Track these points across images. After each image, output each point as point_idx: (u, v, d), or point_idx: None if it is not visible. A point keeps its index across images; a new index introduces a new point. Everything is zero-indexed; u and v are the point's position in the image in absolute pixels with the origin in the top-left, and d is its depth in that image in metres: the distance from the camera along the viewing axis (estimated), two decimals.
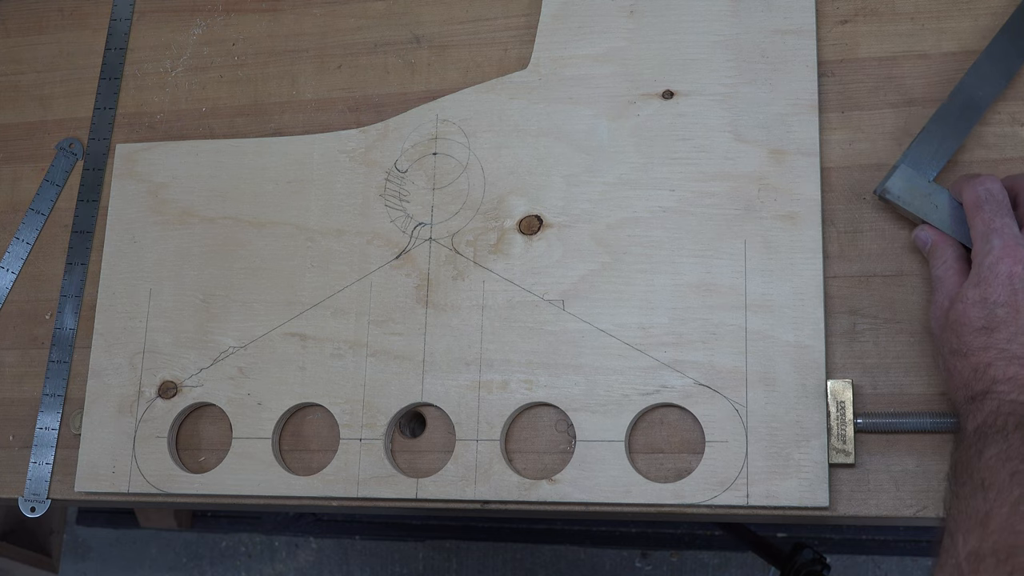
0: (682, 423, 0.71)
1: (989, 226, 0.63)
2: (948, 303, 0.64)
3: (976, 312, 0.62)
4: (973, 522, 0.55)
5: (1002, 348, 0.60)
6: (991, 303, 0.61)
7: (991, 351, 0.61)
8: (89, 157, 0.89)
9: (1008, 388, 0.59)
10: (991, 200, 0.64)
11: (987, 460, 0.57)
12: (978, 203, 0.64)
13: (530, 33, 0.82)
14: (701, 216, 0.74)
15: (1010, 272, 0.61)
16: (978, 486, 0.56)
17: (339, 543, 1.63)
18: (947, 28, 0.75)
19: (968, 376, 0.61)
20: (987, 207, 0.64)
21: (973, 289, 0.62)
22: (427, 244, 0.78)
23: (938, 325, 0.65)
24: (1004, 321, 0.61)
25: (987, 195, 0.64)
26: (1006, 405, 0.59)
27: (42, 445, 0.82)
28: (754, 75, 0.76)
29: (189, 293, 0.81)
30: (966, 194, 0.66)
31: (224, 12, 0.90)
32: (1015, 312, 0.61)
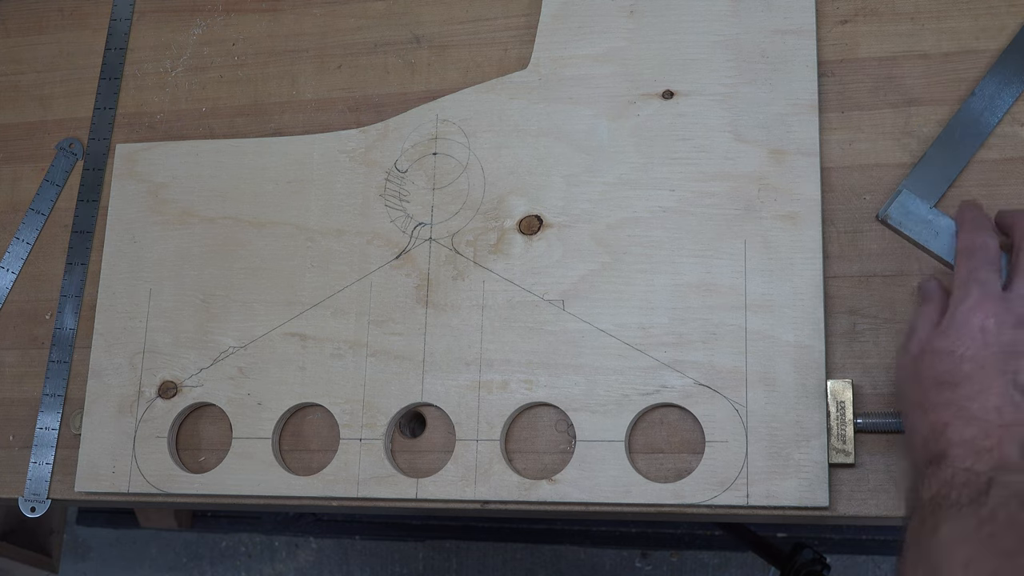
0: (682, 423, 0.71)
1: (972, 275, 0.61)
2: (918, 351, 0.61)
3: (942, 365, 0.59)
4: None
5: (962, 406, 0.57)
6: (958, 356, 0.58)
7: (951, 408, 0.57)
8: (89, 157, 0.89)
9: (963, 453, 0.56)
10: (983, 252, 0.62)
11: (941, 540, 0.54)
12: (970, 251, 0.62)
13: (530, 33, 0.82)
14: (701, 216, 0.74)
15: (982, 325, 0.58)
16: (931, 571, 0.53)
17: (339, 543, 1.63)
18: (947, 28, 0.75)
19: (926, 434, 0.58)
20: (977, 257, 0.62)
21: (942, 339, 0.59)
22: (427, 244, 0.78)
23: (904, 374, 0.62)
24: (968, 376, 0.58)
25: (982, 247, 0.62)
26: (960, 474, 0.55)
27: (42, 445, 0.82)
28: (754, 75, 0.76)
29: (189, 293, 0.81)
30: (961, 238, 0.64)
31: (224, 12, 0.90)
32: (980, 368, 0.57)
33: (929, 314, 0.63)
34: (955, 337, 0.59)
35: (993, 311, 0.59)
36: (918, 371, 0.60)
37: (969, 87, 0.74)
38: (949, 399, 0.58)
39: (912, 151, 0.73)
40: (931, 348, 0.60)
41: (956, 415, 0.57)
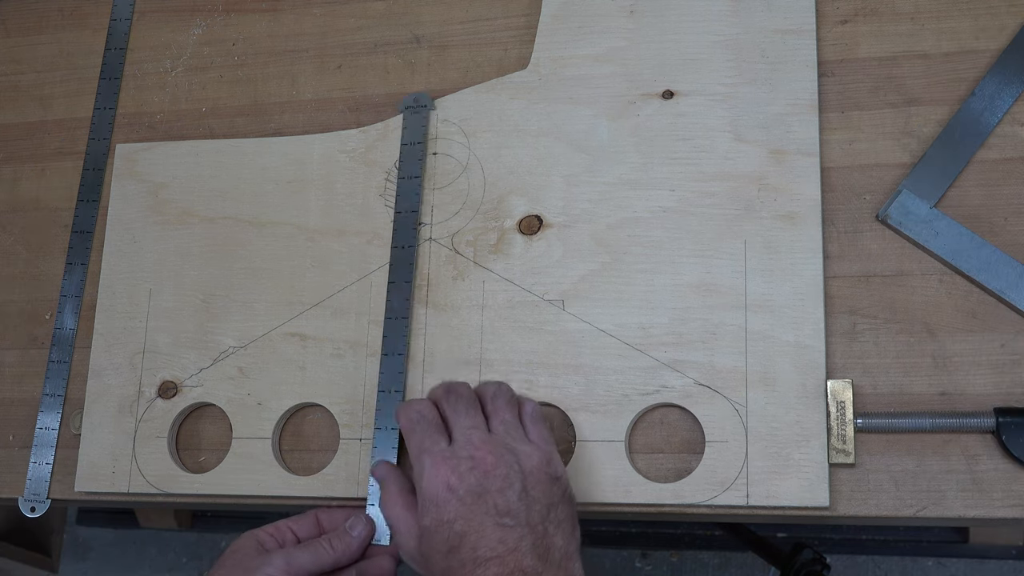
0: (682, 423, 0.71)
1: (420, 448, 0.65)
2: (415, 542, 0.65)
3: (440, 537, 0.62)
4: None
5: (474, 558, 0.61)
6: (447, 522, 0.62)
7: (467, 567, 0.61)
8: (89, 157, 0.89)
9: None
10: (422, 422, 0.67)
11: None
12: (410, 427, 0.67)
13: (530, 33, 0.82)
14: (701, 216, 0.74)
15: (448, 484, 0.63)
16: None
17: None
18: (947, 28, 0.75)
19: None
20: (418, 429, 0.66)
21: (426, 517, 0.63)
22: (427, 244, 0.78)
23: (416, 564, 0.66)
24: (464, 533, 0.61)
25: (419, 417, 0.67)
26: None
27: (42, 445, 0.82)
28: (754, 75, 0.76)
29: (189, 293, 0.81)
30: (400, 421, 0.68)
31: (224, 12, 0.90)
32: (469, 521, 0.62)
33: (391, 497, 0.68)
34: (435, 509, 0.63)
35: (449, 468, 0.63)
36: (425, 553, 0.64)
37: (969, 87, 0.74)
38: (462, 560, 0.61)
39: (912, 151, 0.73)
40: (423, 529, 0.64)
41: (475, 568, 0.61)
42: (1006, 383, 0.68)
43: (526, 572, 0.60)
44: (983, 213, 0.71)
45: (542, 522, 0.62)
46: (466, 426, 0.65)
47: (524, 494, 0.63)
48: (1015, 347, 0.69)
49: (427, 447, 0.65)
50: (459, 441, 0.65)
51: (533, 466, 0.64)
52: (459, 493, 0.62)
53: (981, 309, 0.70)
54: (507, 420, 0.67)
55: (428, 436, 0.65)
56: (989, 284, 0.69)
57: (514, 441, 0.65)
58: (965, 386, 0.68)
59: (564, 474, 0.66)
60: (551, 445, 0.67)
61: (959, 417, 0.67)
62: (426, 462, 0.64)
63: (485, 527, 0.61)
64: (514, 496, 0.62)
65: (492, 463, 0.63)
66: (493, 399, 0.68)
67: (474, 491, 0.62)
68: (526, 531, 0.61)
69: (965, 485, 0.67)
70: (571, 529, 0.64)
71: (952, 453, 0.67)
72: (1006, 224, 0.71)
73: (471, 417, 0.66)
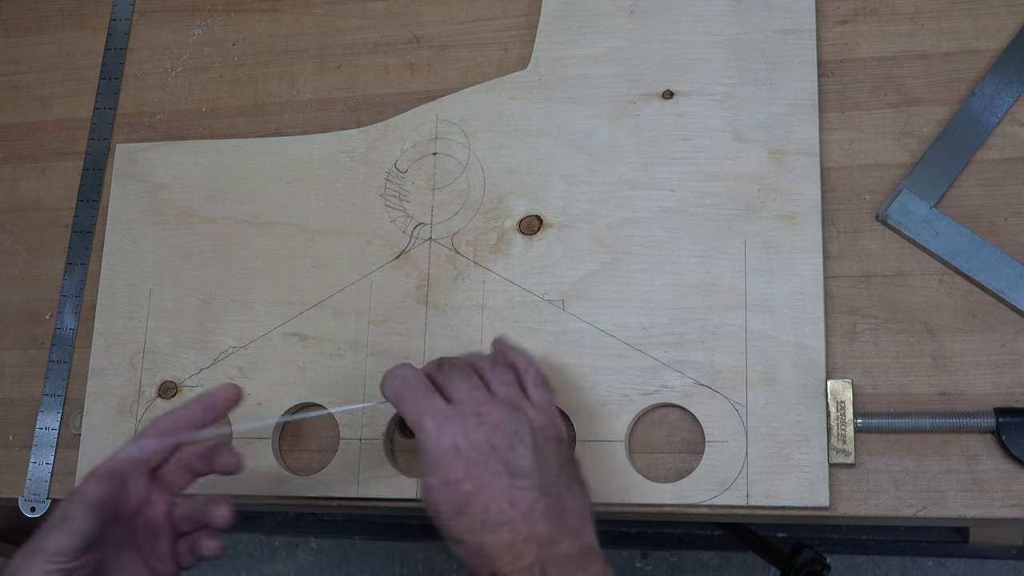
0: (682, 423, 0.71)
1: (416, 410, 0.60)
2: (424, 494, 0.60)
3: (447, 498, 0.58)
4: None
5: (483, 521, 0.57)
6: (454, 484, 0.58)
7: (474, 530, 0.57)
8: (89, 157, 0.89)
9: (509, 558, 0.57)
10: (408, 384, 0.61)
11: None
12: (399, 393, 0.61)
13: (530, 33, 0.82)
14: (701, 216, 0.74)
15: (454, 444, 0.58)
16: None
17: (339, 543, 1.63)
18: (947, 28, 0.75)
19: (474, 563, 0.58)
20: (407, 393, 0.61)
21: (432, 476, 0.59)
22: (427, 244, 0.78)
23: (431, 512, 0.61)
24: (472, 495, 0.58)
25: (403, 382, 0.62)
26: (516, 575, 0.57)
27: (42, 445, 0.82)
28: (754, 75, 0.76)
29: (189, 293, 0.81)
30: (386, 392, 0.62)
31: (224, 12, 0.90)
32: (477, 482, 0.58)
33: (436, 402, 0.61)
34: (441, 470, 0.59)
35: (454, 427, 0.59)
36: (436, 511, 0.59)
37: (969, 87, 0.74)
38: (471, 523, 0.58)
39: (912, 151, 0.73)
40: (427, 486, 0.59)
41: (484, 532, 0.57)
42: (1006, 383, 0.68)
43: (539, 539, 0.57)
44: (983, 213, 0.71)
45: (555, 483, 0.59)
46: (465, 388, 0.61)
47: (536, 451, 0.59)
48: (1015, 347, 0.69)
49: (423, 408, 0.60)
50: (461, 400, 0.60)
51: (541, 424, 0.61)
52: (466, 452, 0.58)
53: (981, 309, 0.70)
54: (508, 383, 0.63)
55: (420, 397, 0.61)
56: (989, 284, 0.69)
57: (517, 399, 0.61)
58: (965, 386, 0.68)
59: (568, 437, 0.63)
60: (553, 408, 0.63)
61: (959, 417, 0.67)
62: (427, 423, 0.59)
63: (495, 488, 0.58)
64: (525, 453, 0.59)
65: (499, 417, 0.59)
66: (492, 366, 0.64)
67: (482, 448, 0.58)
68: (539, 493, 0.58)
69: (965, 485, 0.66)
70: (582, 492, 0.61)
71: (952, 453, 0.67)
72: (1006, 224, 0.71)
73: (469, 380, 0.62)
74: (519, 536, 0.57)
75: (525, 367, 0.65)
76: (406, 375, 0.62)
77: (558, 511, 0.58)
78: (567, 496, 0.59)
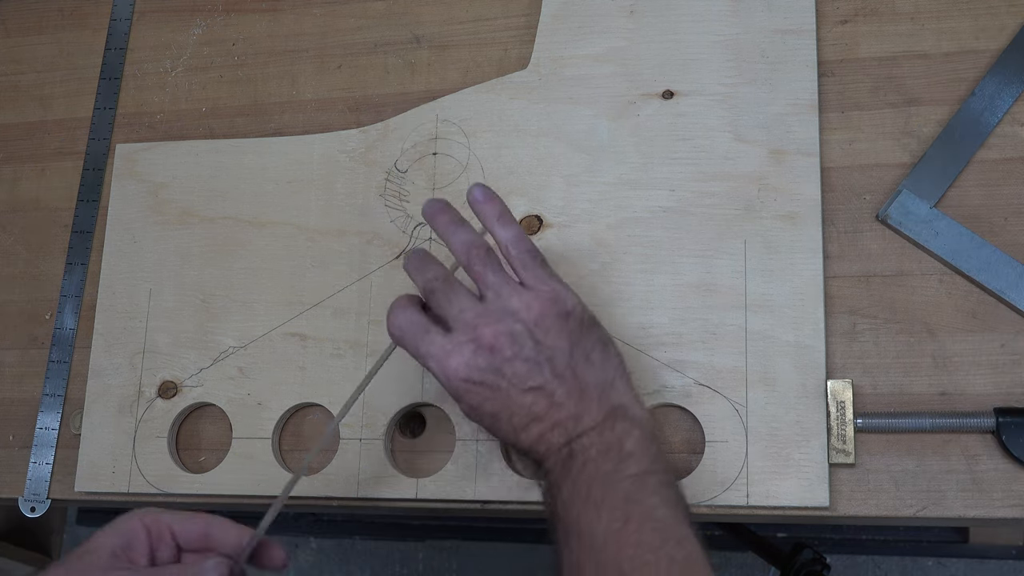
0: (682, 423, 0.71)
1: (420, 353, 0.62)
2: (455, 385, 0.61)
3: (476, 418, 0.62)
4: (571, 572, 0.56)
5: (514, 427, 0.61)
6: (476, 407, 0.61)
7: (513, 435, 0.61)
8: (89, 157, 0.89)
9: (544, 448, 0.60)
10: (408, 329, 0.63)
11: (563, 502, 0.58)
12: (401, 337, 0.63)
13: (530, 33, 0.82)
14: (701, 216, 0.74)
15: (461, 377, 0.61)
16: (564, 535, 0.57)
17: (339, 543, 1.63)
18: (947, 28, 0.75)
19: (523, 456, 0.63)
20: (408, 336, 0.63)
21: (460, 404, 0.62)
22: (427, 244, 0.78)
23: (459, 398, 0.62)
24: (496, 412, 0.61)
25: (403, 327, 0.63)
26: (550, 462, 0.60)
27: (42, 445, 0.82)
28: (754, 75, 0.76)
29: (189, 293, 0.81)
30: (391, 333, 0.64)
31: (224, 12, 0.90)
32: (494, 399, 0.61)
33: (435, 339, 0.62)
34: (463, 400, 0.61)
35: (457, 361, 0.61)
36: (470, 404, 0.62)
37: (969, 87, 0.74)
38: (505, 432, 0.61)
39: (912, 151, 0.73)
40: (463, 387, 0.61)
41: (518, 434, 0.61)
42: (1006, 383, 0.68)
43: (565, 424, 0.59)
44: (983, 213, 0.71)
45: (568, 366, 0.61)
46: (455, 312, 0.62)
47: (537, 348, 0.60)
48: (1015, 347, 0.69)
49: (425, 349, 0.62)
50: (455, 328, 0.62)
51: (536, 315, 0.61)
52: (475, 380, 0.60)
53: (981, 309, 0.70)
54: (492, 281, 0.62)
55: (421, 339, 0.62)
56: (989, 284, 0.69)
57: (507, 299, 0.62)
58: (965, 386, 0.68)
59: (576, 304, 0.63)
60: (551, 281, 0.63)
61: (959, 417, 0.67)
62: (432, 365, 0.61)
63: (512, 398, 0.60)
64: (531, 355, 0.60)
65: (492, 335, 0.60)
66: (481, 263, 0.63)
67: (488, 371, 0.60)
68: (554, 383, 0.60)
69: (965, 485, 0.66)
70: (603, 358, 0.62)
71: (952, 453, 0.67)
72: (1006, 224, 0.71)
73: (457, 301, 0.62)
74: (547, 426, 0.60)
75: (509, 248, 0.64)
76: (401, 323, 0.63)
77: (579, 388, 0.60)
78: (585, 369, 0.61)
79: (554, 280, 0.63)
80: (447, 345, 0.61)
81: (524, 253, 0.63)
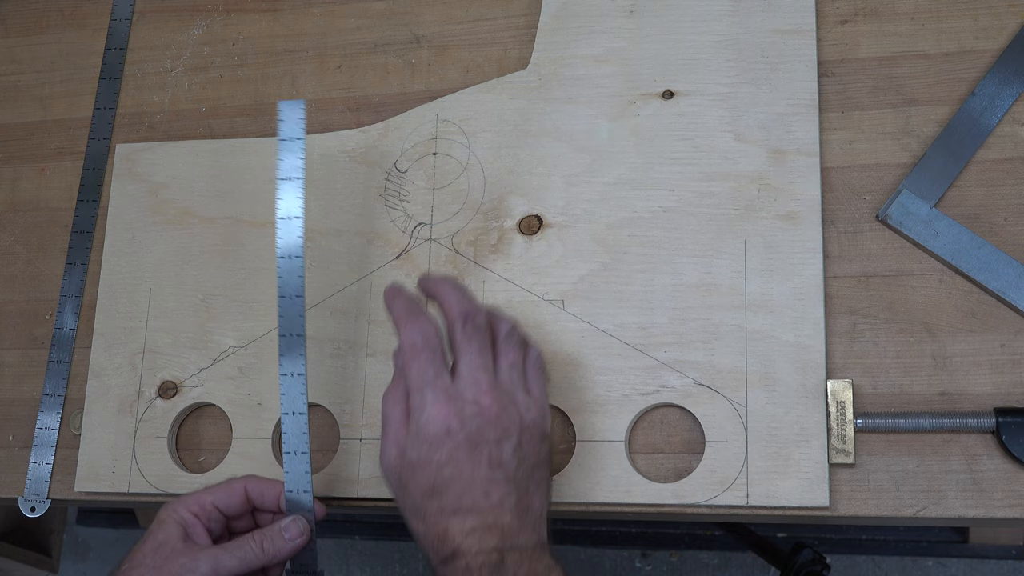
0: (682, 423, 0.71)
1: (423, 378, 0.62)
2: (397, 462, 0.62)
3: (424, 476, 0.61)
4: None
5: (456, 507, 0.60)
6: (435, 464, 0.60)
7: (446, 513, 0.60)
8: (89, 157, 0.89)
9: (471, 542, 0.59)
10: (427, 349, 0.62)
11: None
12: (414, 351, 0.62)
13: (530, 33, 0.82)
14: (701, 216, 0.74)
15: (447, 427, 0.60)
16: None
17: (339, 543, 1.63)
18: (947, 28, 0.75)
19: (433, 541, 0.60)
20: (423, 356, 0.62)
21: (414, 450, 0.61)
22: (427, 244, 0.78)
23: (392, 479, 0.63)
24: (451, 479, 0.60)
25: (424, 343, 0.63)
26: (475, 560, 0.58)
27: (42, 445, 0.82)
28: (754, 75, 0.76)
29: (189, 293, 0.81)
30: (402, 336, 0.63)
31: (224, 12, 0.90)
32: (458, 468, 0.60)
33: (395, 394, 0.64)
34: (427, 447, 0.61)
35: (453, 409, 0.61)
36: (403, 481, 0.62)
37: (969, 87, 0.74)
38: (441, 506, 0.60)
39: (912, 151, 0.73)
40: (408, 461, 0.61)
41: (453, 517, 0.60)
42: (1006, 383, 0.68)
43: (503, 529, 0.59)
44: (983, 213, 0.71)
45: (527, 479, 0.62)
46: (476, 365, 0.62)
47: (518, 449, 0.61)
48: (1015, 347, 0.69)
49: (430, 379, 0.62)
50: (465, 380, 0.62)
51: (530, 421, 0.63)
52: (457, 438, 0.60)
53: (981, 309, 0.70)
54: (514, 363, 0.64)
55: (432, 366, 0.62)
56: (989, 284, 0.69)
57: (517, 390, 0.63)
58: (965, 386, 0.68)
59: (550, 433, 0.65)
60: (546, 400, 0.66)
61: (959, 417, 0.67)
62: (428, 396, 0.61)
63: (475, 477, 0.60)
64: (509, 449, 0.61)
65: (495, 413, 0.61)
66: (507, 338, 0.65)
67: (472, 438, 0.60)
68: (512, 487, 0.60)
69: (965, 485, 0.67)
70: (547, 492, 0.64)
71: (952, 453, 0.67)
72: (1006, 224, 0.71)
73: (483, 356, 0.63)
74: (485, 523, 0.59)
75: (529, 349, 0.67)
76: (429, 338, 0.63)
77: (524, 506, 0.61)
78: (534, 493, 0.62)
79: (547, 400, 0.66)
80: (451, 391, 0.62)
81: (540, 362, 0.67)
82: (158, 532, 0.66)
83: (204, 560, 0.64)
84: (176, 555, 0.64)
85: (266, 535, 0.66)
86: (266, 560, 0.66)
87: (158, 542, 0.65)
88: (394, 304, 0.66)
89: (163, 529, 0.66)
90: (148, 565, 0.64)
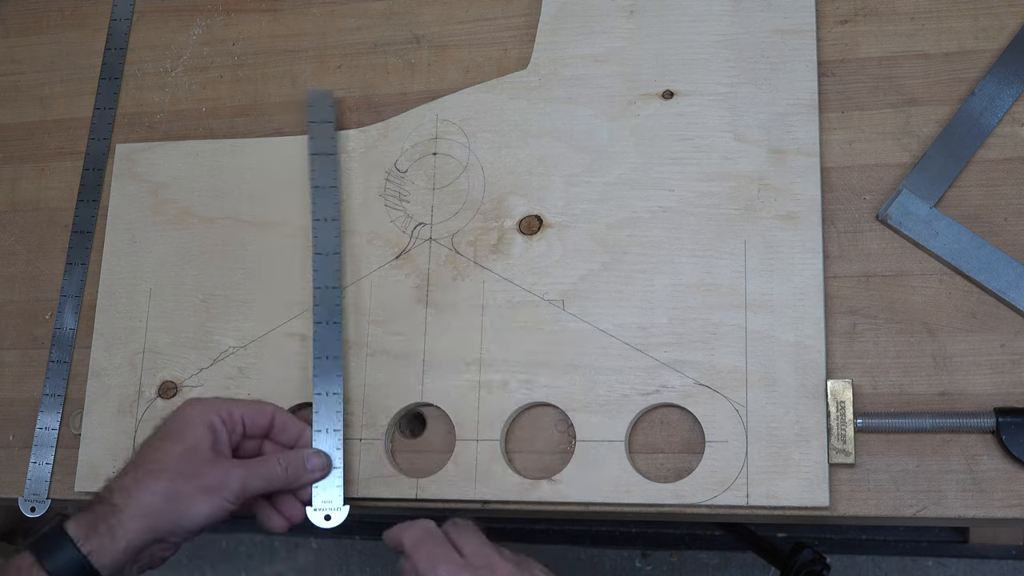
0: (682, 423, 0.71)
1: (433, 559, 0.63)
2: None
3: None
4: None
5: None
6: None
7: None
8: (89, 157, 0.89)
9: None
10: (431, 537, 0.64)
11: None
12: (418, 543, 0.64)
13: (530, 33, 0.82)
14: (701, 216, 0.74)
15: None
16: None
17: (339, 543, 1.63)
18: (947, 28, 0.75)
19: None
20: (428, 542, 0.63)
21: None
22: (427, 244, 0.78)
23: None
24: None
25: (425, 534, 0.64)
26: None
27: (42, 445, 0.82)
28: (754, 75, 0.76)
29: (189, 293, 0.81)
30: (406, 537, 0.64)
31: (224, 12, 0.90)
32: None
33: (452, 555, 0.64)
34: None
35: None
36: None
37: (969, 87, 0.74)
38: None
39: (912, 151, 0.73)
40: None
41: None
42: (1006, 383, 0.68)
43: None
44: (983, 213, 0.71)
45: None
46: (478, 543, 0.64)
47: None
48: (1015, 347, 0.69)
49: (441, 558, 0.63)
50: (474, 553, 0.63)
51: None
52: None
53: (981, 309, 0.70)
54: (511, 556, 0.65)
55: (440, 548, 0.63)
56: (989, 284, 0.69)
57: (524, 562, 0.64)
58: (965, 386, 0.68)
59: None
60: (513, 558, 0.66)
61: (959, 417, 0.67)
62: (442, 571, 0.62)
63: None
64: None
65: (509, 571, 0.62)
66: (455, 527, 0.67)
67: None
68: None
69: (965, 485, 0.66)
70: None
71: (952, 453, 0.67)
72: (1006, 224, 0.71)
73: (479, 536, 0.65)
74: None
75: None
76: (430, 528, 0.64)
77: None
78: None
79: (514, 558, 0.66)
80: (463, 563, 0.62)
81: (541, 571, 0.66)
82: (187, 434, 0.65)
83: (235, 477, 0.65)
84: (207, 466, 0.64)
85: (291, 460, 0.67)
86: (286, 483, 0.67)
87: (187, 446, 0.65)
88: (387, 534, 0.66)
89: (192, 432, 0.65)
90: (178, 471, 0.63)
